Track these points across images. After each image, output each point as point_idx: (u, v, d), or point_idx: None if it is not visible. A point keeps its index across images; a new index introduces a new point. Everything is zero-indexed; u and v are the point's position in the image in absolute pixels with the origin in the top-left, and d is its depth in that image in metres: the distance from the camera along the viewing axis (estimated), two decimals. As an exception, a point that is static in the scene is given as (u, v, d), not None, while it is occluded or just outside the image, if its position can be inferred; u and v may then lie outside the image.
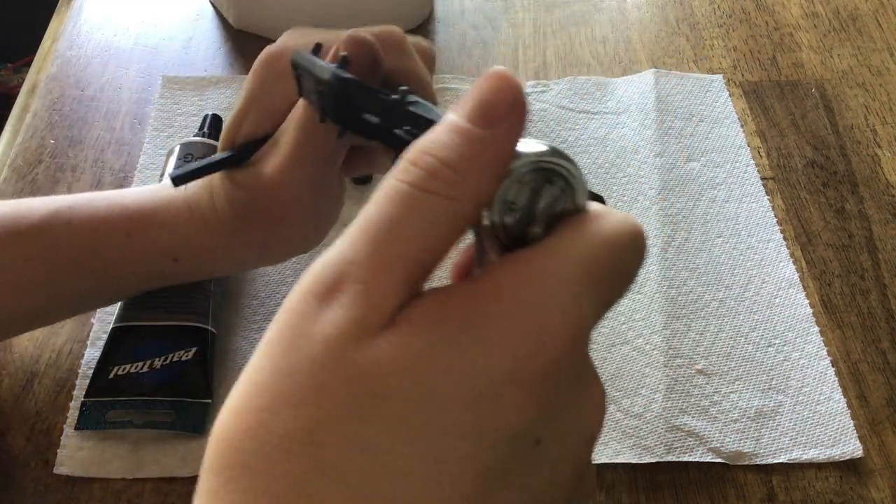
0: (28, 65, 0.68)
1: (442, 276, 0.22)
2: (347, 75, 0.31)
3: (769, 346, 0.49)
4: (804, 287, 0.51)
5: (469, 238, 0.23)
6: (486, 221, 0.21)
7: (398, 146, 0.26)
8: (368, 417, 0.18)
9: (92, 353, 0.48)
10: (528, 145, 0.21)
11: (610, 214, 0.21)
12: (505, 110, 0.20)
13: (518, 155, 0.21)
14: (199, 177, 0.41)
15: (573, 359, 0.20)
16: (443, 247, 0.20)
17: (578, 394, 0.21)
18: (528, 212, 0.21)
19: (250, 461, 0.19)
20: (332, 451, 0.18)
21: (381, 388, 0.19)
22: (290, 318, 0.20)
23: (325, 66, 0.32)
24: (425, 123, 0.26)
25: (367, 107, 0.30)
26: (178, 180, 0.40)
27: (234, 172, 0.41)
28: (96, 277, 0.43)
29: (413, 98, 0.28)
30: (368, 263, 0.19)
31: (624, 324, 0.49)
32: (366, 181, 0.57)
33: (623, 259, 0.21)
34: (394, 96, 0.29)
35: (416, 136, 0.22)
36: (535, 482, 0.20)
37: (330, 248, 0.20)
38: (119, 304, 0.49)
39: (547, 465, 0.20)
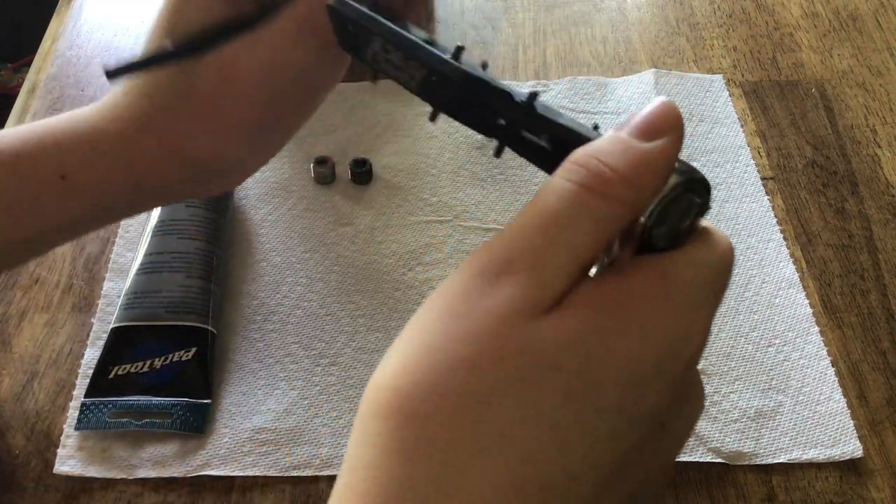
0: (28, 65, 0.68)
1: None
2: (473, 72, 0.28)
3: (769, 346, 0.49)
4: (804, 287, 0.51)
5: None
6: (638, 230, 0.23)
7: (528, 151, 0.27)
8: (538, 388, 0.20)
9: (92, 353, 0.48)
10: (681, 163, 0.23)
11: (719, 233, 0.25)
12: (669, 125, 0.23)
13: (681, 172, 0.23)
14: (137, 70, 0.34)
15: (700, 357, 0.23)
16: (600, 243, 0.22)
17: (694, 386, 0.25)
18: (674, 229, 0.23)
19: (423, 410, 0.21)
20: (503, 414, 0.20)
21: (550, 362, 0.21)
22: (462, 291, 0.22)
23: (435, 54, 0.29)
24: (564, 132, 0.26)
25: (490, 104, 0.28)
26: (111, 74, 0.33)
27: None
28: None
29: (540, 101, 0.27)
30: (539, 249, 0.22)
31: (624, 324, 0.49)
32: (366, 181, 0.57)
33: (728, 275, 0.24)
34: (520, 99, 0.27)
35: (557, 145, 0.25)
36: (655, 460, 0.23)
37: (496, 237, 0.23)
38: (119, 304, 0.49)
39: (664, 447, 0.24)
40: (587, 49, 0.68)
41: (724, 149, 0.60)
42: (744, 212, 0.56)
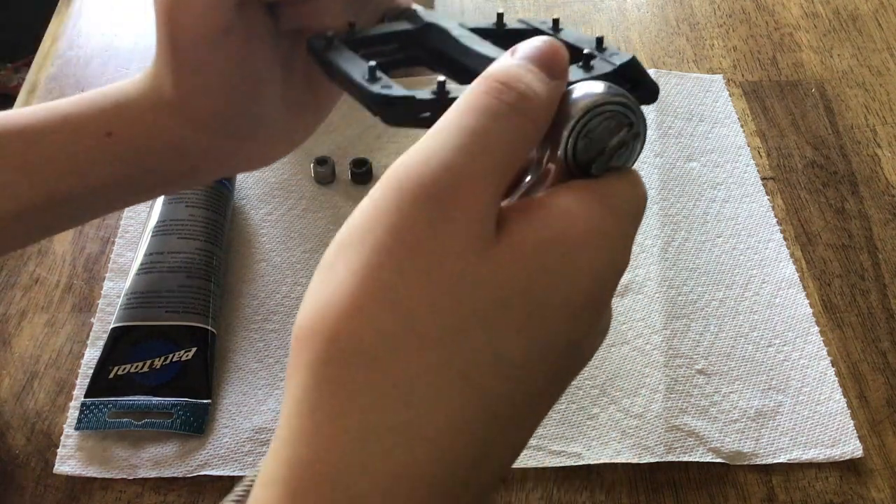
0: (28, 65, 0.68)
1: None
2: (392, 93, 0.28)
3: (769, 346, 0.49)
4: (804, 287, 0.51)
5: None
6: (561, 145, 0.24)
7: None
8: (495, 325, 0.21)
9: (92, 353, 0.48)
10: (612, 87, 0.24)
11: (640, 177, 0.25)
12: (562, 72, 0.24)
13: (609, 89, 0.24)
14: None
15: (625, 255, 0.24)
16: (519, 163, 0.23)
17: (608, 314, 0.26)
18: (601, 144, 0.24)
19: (379, 354, 0.20)
20: (466, 353, 0.21)
21: (503, 298, 0.21)
22: (411, 224, 0.21)
23: (364, 87, 0.29)
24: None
25: (418, 109, 0.28)
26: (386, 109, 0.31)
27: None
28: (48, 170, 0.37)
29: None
30: (480, 175, 0.22)
31: (624, 324, 0.49)
32: (366, 181, 0.57)
33: (641, 217, 0.25)
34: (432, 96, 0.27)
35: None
36: (568, 382, 0.26)
37: (421, 145, 0.22)
38: (119, 304, 0.49)
39: (577, 370, 0.26)
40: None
41: (724, 149, 0.60)
42: (744, 212, 0.56)
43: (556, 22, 0.33)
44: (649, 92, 0.29)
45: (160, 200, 0.53)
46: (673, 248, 0.53)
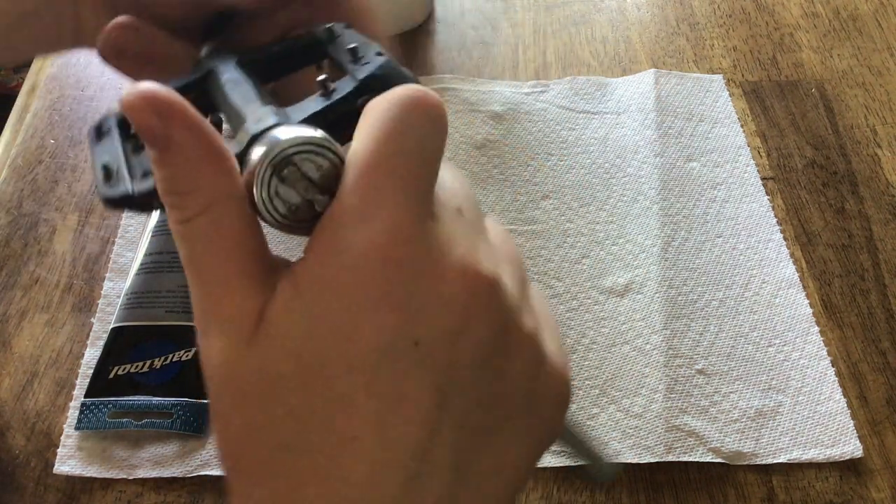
0: (28, 65, 0.68)
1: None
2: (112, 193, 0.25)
3: (769, 346, 0.49)
4: (804, 287, 0.51)
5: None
6: (268, 220, 0.22)
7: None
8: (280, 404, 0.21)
9: (92, 353, 0.48)
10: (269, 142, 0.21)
11: (378, 110, 0.21)
12: (156, 130, 0.20)
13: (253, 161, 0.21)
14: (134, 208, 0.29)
15: (403, 275, 0.20)
16: (240, 254, 0.22)
17: (428, 289, 0.21)
18: (305, 192, 0.21)
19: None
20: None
21: (281, 378, 0.20)
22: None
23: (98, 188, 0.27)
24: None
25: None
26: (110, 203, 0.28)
27: None
28: None
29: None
30: (210, 299, 0.22)
31: (624, 324, 0.49)
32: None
33: (413, 145, 0.21)
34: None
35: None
36: (427, 373, 0.21)
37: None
38: (119, 304, 0.49)
39: (428, 355, 0.21)
40: (587, 49, 0.68)
41: (724, 149, 0.60)
42: (744, 212, 0.56)
43: (329, 31, 0.29)
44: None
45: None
46: (673, 248, 0.53)
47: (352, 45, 0.27)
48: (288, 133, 0.21)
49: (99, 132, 0.28)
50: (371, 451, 0.20)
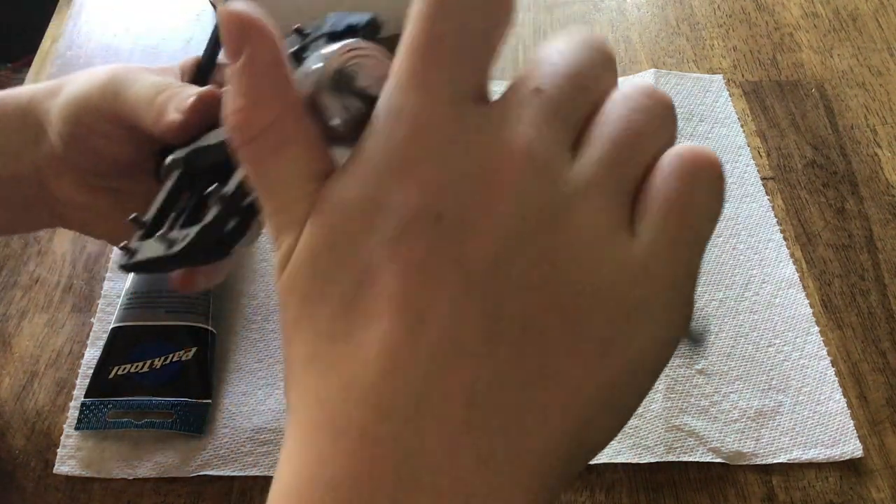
0: (28, 65, 0.68)
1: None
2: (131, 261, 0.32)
3: (769, 346, 0.49)
4: (804, 287, 0.51)
5: None
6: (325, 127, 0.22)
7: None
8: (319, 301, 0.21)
9: (92, 353, 0.48)
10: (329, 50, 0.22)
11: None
12: (237, 41, 0.21)
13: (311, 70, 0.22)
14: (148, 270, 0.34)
15: (430, 150, 0.20)
16: (309, 159, 0.22)
17: (453, 164, 0.20)
18: (357, 100, 0.22)
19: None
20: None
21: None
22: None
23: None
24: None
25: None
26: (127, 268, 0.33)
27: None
28: None
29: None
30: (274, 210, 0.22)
31: (624, 324, 0.49)
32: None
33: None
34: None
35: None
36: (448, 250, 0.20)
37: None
38: (119, 304, 0.49)
39: (459, 228, 0.20)
40: (587, 49, 0.68)
41: (724, 149, 0.60)
42: (744, 212, 0.56)
43: (299, 30, 0.31)
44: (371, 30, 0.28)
45: (160, 200, 0.53)
46: (673, 248, 0.53)
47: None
48: (334, 46, 0.22)
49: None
50: (391, 334, 0.19)
